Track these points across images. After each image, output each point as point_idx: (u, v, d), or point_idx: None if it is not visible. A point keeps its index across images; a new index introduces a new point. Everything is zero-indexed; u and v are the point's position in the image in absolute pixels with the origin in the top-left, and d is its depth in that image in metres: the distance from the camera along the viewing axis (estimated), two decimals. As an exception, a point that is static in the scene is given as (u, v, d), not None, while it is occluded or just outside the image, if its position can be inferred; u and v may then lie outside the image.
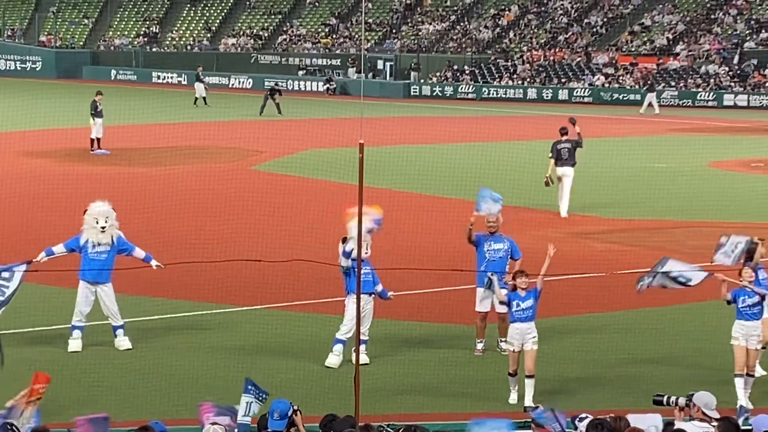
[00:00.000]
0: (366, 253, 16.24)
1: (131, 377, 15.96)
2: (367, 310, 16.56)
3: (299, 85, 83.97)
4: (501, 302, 15.50)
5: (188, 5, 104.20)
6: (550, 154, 29.25)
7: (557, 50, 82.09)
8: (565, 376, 16.16)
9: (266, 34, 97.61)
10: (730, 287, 15.04)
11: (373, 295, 16.83)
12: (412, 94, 79.07)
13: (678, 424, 10.91)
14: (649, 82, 72.04)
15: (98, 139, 42.52)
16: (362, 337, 16.55)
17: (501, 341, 17.45)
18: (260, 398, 11.04)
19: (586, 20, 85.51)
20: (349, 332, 16.52)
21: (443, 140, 47.07)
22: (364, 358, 16.48)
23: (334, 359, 16.69)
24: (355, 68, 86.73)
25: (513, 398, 15.24)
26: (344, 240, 16.55)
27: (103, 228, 17.24)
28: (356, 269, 16.76)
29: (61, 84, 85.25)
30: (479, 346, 17.41)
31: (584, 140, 29.67)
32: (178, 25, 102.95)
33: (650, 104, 66.43)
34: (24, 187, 31.27)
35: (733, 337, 15.16)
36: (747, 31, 77.72)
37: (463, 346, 17.61)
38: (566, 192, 29.05)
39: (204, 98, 65.19)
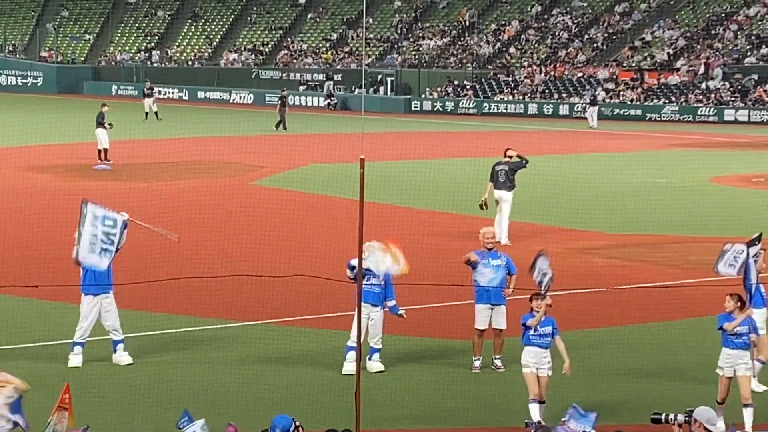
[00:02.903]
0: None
1: (132, 393, 15.93)
2: (374, 320, 17.00)
3: (300, 100, 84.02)
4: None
5: (189, 20, 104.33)
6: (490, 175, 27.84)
7: (558, 65, 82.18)
8: (567, 392, 16.12)
9: (267, 50, 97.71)
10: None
11: (380, 308, 17.11)
12: (413, 109, 79.16)
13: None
14: (592, 96, 72.60)
15: (105, 150, 42.71)
16: (375, 346, 17.21)
17: (496, 358, 17.42)
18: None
19: (586, 35, 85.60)
20: (350, 339, 16.87)
21: (444, 155, 47.09)
22: (378, 366, 17.17)
23: (347, 366, 16.99)
24: (333, 81, 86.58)
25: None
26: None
27: None
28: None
29: (63, 99, 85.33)
30: (476, 363, 17.40)
31: (527, 158, 28.28)
32: (179, 41, 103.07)
33: (592, 117, 67.42)
34: (25, 201, 31.26)
35: (719, 367, 14.85)
36: (747, 47, 77.78)
37: (463, 362, 17.59)
38: (504, 216, 27.31)
39: (155, 113, 65.23)
